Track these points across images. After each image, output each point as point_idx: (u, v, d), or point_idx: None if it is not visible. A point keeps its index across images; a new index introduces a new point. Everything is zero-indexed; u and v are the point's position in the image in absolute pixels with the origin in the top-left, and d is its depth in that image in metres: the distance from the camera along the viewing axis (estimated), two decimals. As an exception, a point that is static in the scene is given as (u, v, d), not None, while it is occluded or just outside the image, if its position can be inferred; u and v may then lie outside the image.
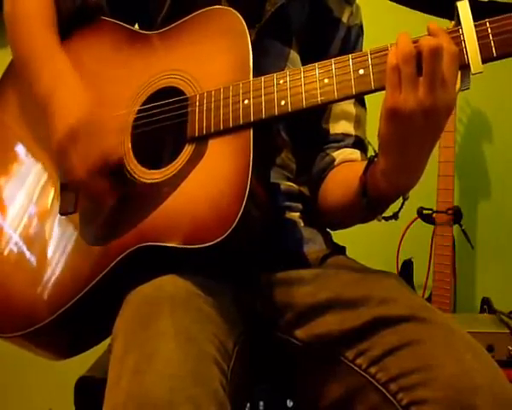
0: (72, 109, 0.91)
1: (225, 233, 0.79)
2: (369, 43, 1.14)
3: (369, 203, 0.90)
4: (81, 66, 1.01)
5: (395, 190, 0.87)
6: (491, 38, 0.77)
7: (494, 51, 0.77)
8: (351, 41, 1.09)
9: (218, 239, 0.79)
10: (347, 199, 0.95)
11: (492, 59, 0.78)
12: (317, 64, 0.85)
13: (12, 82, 1.08)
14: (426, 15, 0.94)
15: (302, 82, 0.84)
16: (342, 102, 1.05)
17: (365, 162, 0.90)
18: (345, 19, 1.08)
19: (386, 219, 0.89)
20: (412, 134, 0.79)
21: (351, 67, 0.82)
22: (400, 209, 0.89)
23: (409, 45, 0.76)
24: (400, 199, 0.90)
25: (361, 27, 1.12)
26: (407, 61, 0.76)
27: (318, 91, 0.83)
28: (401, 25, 2.04)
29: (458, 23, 0.79)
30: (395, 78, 0.77)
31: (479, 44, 0.77)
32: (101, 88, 0.98)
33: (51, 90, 0.94)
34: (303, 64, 1.01)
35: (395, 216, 0.89)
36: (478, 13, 0.79)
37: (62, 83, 0.94)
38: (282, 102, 0.84)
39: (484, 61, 0.77)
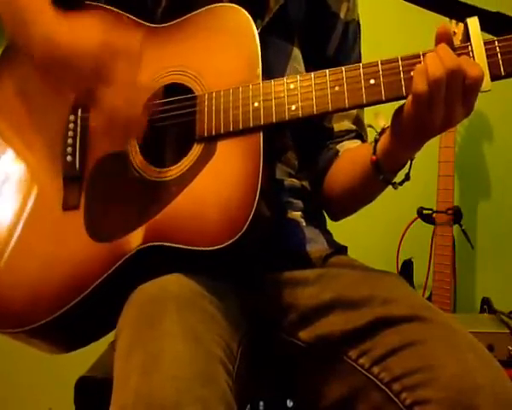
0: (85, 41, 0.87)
1: (234, 237, 0.79)
2: (371, 42, 1.15)
3: (385, 177, 0.90)
4: None
5: (407, 157, 0.89)
6: (499, 56, 0.78)
7: (502, 70, 0.78)
8: (348, 37, 1.09)
9: (227, 243, 0.79)
10: (359, 180, 0.96)
11: (500, 77, 0.78)
12: (327, 71, 0.85)
13: (7, 69, 1.06)
14: (427, 14, 0.94)
15: (313, 88, 0.84)
16: None
17: (371, 143, 0.91)
18: (342, 14, 1.08)
19: (401, 183, 0.90)
20: (429, 136, 0.83)
21: (361, 76, 0.82)
22: (410, 169, 0.90)
23: (439, 67, 0.76)
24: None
25: (358, 23, 1.12)
26: (438, 82, 0.76)
27: (329, 98, 0.83)
28: (403, 22, 2.05)
29: (468, 39, 0.80)
30: (425, 99, 0.77)
31: (488, 62, 0.78)
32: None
33: (50, 39, 0.88)
34: (304, 60, 1.02)
35: (407, 177, 0.90)
36: (484, 24, 0.80)
37: (59, 29, 0.89)
38: (293, 107, 0.84)
39: (492, 78, 0.78)
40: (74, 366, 1.10)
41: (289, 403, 0.99)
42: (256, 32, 0.89)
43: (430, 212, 1.93)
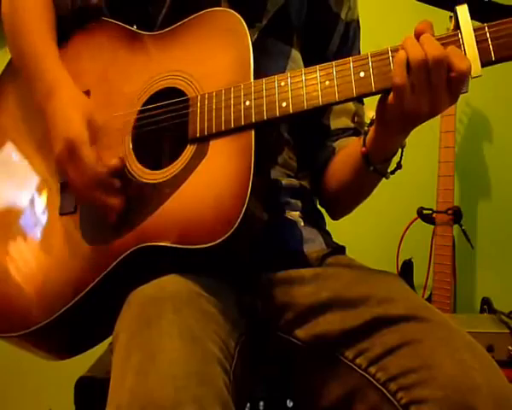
0: (69, 121, 0.91)
1: (227, 234, 0.79)
2: (369, 39, 1.15)
3: (376, 168, 0.91)
4: (82, 66, 1.01)
5: (395, 146, 0.90)
6: (489, 42, 0.78)
7: (493, 55, 0.78)
8: (349, 37, 1.09)
9: (220, 240, 0.79)
10: (354, 174, 0.97)
11: (491, 63, 0.78)
12: (318, 66, 0.85)
13: (11, 80, 1.08)
14: (422, 10, 0.94)
15: (303, 84, 0.85)
16: None
17: (361, 137, 0.92)
18: (343, 14, 1.08)
19: (393, 172, 0.91)
20: (414, 123, 0.83)
21: (351, 69, 0.83)
22: (401, 158, 0.91)
23: (420, 51, 0.77)
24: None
25: (358, 21, 1.12)
26: (420, 67, 0.77)
27: (319, 93, 0.84)
28: (399, 19, 2.05)
29: (457, 27, 0.80)
30: (407, 81, 0.78)
31: (478, 48, 0.78)
32: (103, 88, 0.99)
33: (47, 97, 0.95)
34: (304, 61, 1.02)
35: (398, 166, 0.91)
36: (477, 12, 0.80)
37: (58, 91, 0.95)
38: (284, 104, 0.85)
39: (483, 64, 0.78)
40: (74, 366, 1.11)
41: (289, 403, 0.99)
42: (248, 33, 0.89)
43: (430, 212, 1.93)
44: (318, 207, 1.13)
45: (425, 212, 1.94)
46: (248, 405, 1.01)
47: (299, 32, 1.04)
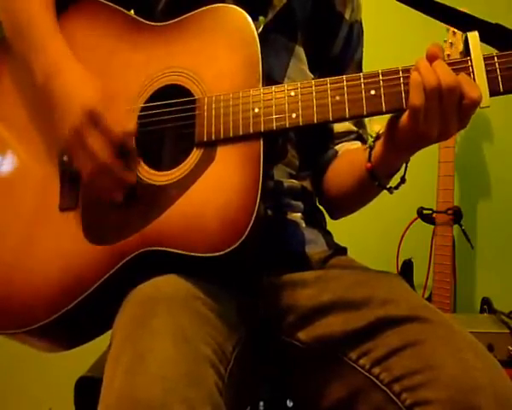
0: (85, 89, 0.88)
1: (235, 244, 0.78)
2: (372, 44, 1.15)
3: (380, 183, 0.91)
4: (79, 56, 0.95)
5: (401, 163, 0.90)
6: (498, 72, 0.78)
7: (501, 86, 0.78)
8: (353, 39, 1.09)
9: (228, 250, 0.78)
10: (356, 185, 0.97)
11: (499, 93, 0.79)
12: (328, 79, 0.84)
13: (5, 68, 1.03)
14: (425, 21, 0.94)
15: (313, 96, 0.84)
16: None
17: (367, 150, 0.92)
18: (347, 15, 1.08)
19: (397, 187, 0.92)
20: (424, 145, 0.84)
21: (362, 86, 0.82)
22: (405, 172, 0.91)
23: (434, 77, 0.77)
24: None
25: (361, 24, 1.12)
26: (433, 93, 0.77)
27: (330, 108, 0.83)
28: (404, 25, 2.05)
29: (467, 53, 0.80)
30: (424, 104, 0.78)
31: (487, 79, 0.78)
32: (102, 81, 0.92)
33: (54, 74, 0.90)
34: (308, 59, 1.02)
35: (402, 180, 0.91)
36: (484, 35, 0.80)
37: (65, 69, 0.90)
38: (294, 115, 0.84)
39: (491, 95, 0.78)
40: (74, 366, 1.10)
41: (289, 403, 0.99)
42: (256, 35, 0.88)
43: (430, 212, 1.93)
44: (319, 206, 1.13)
45: (425, 212, 1.94)
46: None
47: (303, 29, 1.04)
